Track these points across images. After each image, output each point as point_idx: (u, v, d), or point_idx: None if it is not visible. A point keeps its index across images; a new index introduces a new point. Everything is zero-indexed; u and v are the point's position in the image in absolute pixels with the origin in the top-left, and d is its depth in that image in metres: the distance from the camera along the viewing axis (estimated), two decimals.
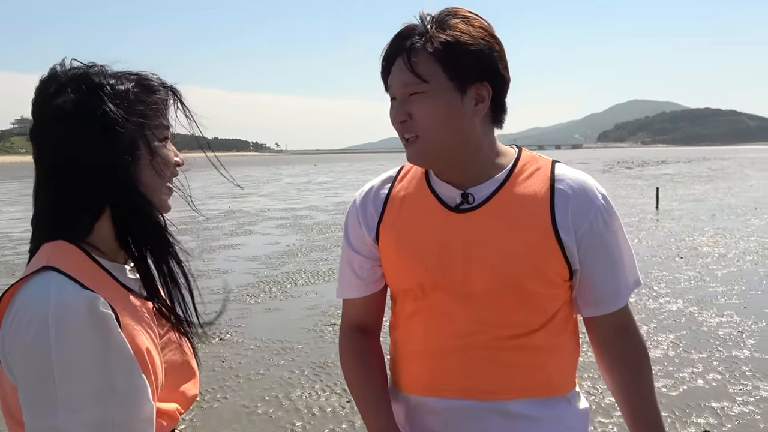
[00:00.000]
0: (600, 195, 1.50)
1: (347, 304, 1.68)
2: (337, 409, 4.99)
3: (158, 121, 1.28)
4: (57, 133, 1.20)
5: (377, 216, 1.57)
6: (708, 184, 30.29)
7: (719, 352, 6.06)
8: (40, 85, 1.24)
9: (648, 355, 1.60)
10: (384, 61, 1.47)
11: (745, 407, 4.83)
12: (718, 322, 7.00)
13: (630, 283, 1.56)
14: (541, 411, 1.49)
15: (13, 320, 1.11)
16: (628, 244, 1.56)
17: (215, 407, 5.08)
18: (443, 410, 1.51)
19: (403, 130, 1.46)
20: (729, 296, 8.11)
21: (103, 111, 1.20)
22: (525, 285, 1.45)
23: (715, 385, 5.28)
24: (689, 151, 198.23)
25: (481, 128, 1.48)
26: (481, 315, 1.46)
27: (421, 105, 1.42)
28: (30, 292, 1.12)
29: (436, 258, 1.48)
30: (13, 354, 1.10)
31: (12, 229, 16.88)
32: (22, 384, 1.10)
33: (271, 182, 40.94)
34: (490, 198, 1.48)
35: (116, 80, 1.24)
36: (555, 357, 1.52)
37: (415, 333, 1.54)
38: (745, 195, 23.13)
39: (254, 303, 8.36)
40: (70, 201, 1.21)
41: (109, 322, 1.12)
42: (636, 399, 1.57)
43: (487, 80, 1.43)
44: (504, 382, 1.48)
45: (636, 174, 41.63)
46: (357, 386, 1.61)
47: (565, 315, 1.54)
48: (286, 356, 6.25)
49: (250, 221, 17.87)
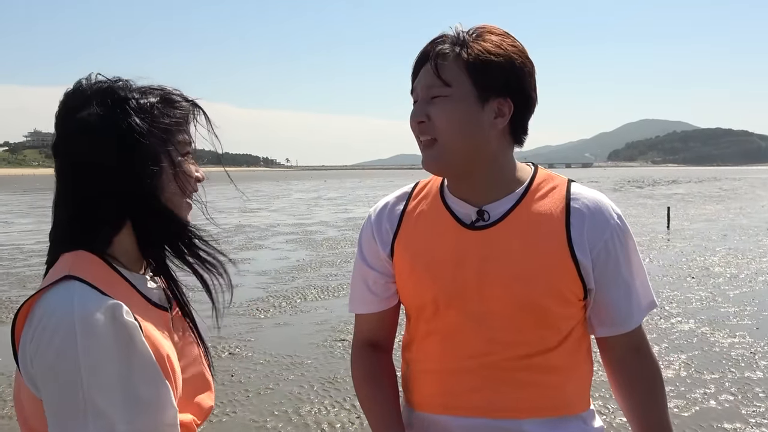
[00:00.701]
0: (615, 215, 1.50)
1: (360, 319, 1.67)
2: (347, 425, 4.97)
3: (181, 136, 1.28)
4: (80, 145, 1.21)
5: (392, 232, 1.57)
6: (719, 204, 30.14)
7: (731, 373, 6.01)
8: (64, 98, 1.25)
9: (661, 376, 1.59)
10: (415, 63, 1.49)
11: (758, 429, 4.78)
12: (730, 343, 6.94)
13: (643, 305, 1.55)
14: (555, 430, 1.48)
15: (36, 330, 1.10)
16: (641, 264, 1.55)
17: (224, 421, 5.07)
18: (457, 428, 1.49)
19: (419, 131, 1.46)
20: (741, 317, 8.06)
21: (128, 124, 1.21)
22: (540, 303, 1.44)
23: (728, 406, 5.23)
24: (700, 171, 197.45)
25: (498, 143, 1.47)
26: (496, 334, 1.45)
27: (441, 108, 1.42)
28: (53, 302, 1.12)
29: (451, 275, 1.47)
30: (37, 364, 1.10)
31: (24, 241, 16.96)
32: (48, 394, 1.10)
33: (281, 197, 41.02)
34: (505, 215, 1.47)
35: (141, 95, 1.25)
36: (570, 376, 1.51)
37: (429, 353, 1.53)
38: (757, 216, 23.01)
39: (264, 318, 8.36)
40: (91, 213, 1.22)
41: (132, 330, 1.13)
42: (650, 419, 1.56)
43: (511, 96, 1.43)
44: (518, 401, 1.47)
45: (647, 193, 41.49)
46: (368, 402, 1.59)
47: (580, 334, 1.53)
48: (296, 371, 6.24)
49: (260, 236, 17.90)
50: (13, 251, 15.11)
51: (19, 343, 1.14)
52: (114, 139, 1.20)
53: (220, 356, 6.65)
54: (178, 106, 1.29)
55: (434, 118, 1.43)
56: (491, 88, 1.42)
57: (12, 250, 15.37)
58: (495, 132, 1.45)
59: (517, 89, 1.44)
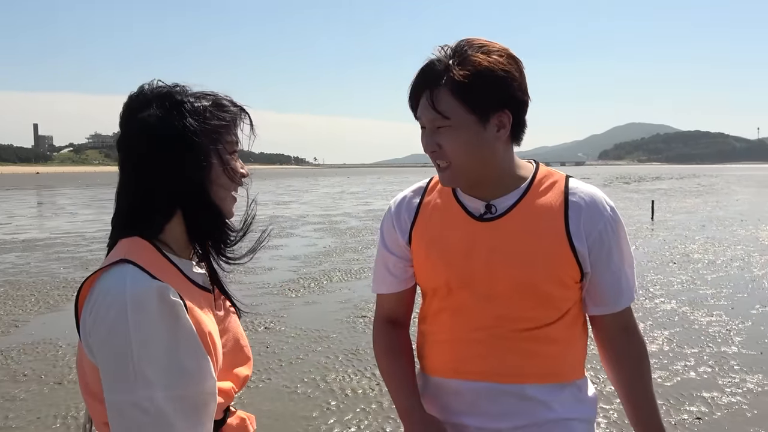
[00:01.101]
0: (609, 207, 1.49)
1: (381, 298, 1.66)
2: (368, 391, 4.98)
3: (229, 136, 1.28)
4: (141, 143, 1.21)
5: (410, 222, 1.56)
6: (698, 198, 29.82)
7: (709, 347, 5.95)
8: (128, 100, 1.25)
9: (647, 352, 1.58)
10: (410, 96, 1.44)
11: (733, 398, 4.73)
12: (708, 321, 6.87)
13: (633, 288, 1.54)
14: (553, 395, 1.48)
15: (94, 306, 1.11)
16: (631, 252, 1.54)
17: (260, 387, 5.10)
18: (466, 391, 1.49)
19: (434, 158, 1.44)
20: (718, 298, 7.97)
21: (183, 125, 1.21)
22: (541, 287, 1.43)
23: (706, 377, 5.18)
24: (681, 168, 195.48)
25: (503, 149, 1.45)
26: (502, 312, 1.45)
27: (448, 137, 1.39)
28: (109, 282, 1.12)
29: (462, 261, 1.46)
30: (94, 336, 1.11)
31: (86, 230, 17.15)
32: (103, 362, 1.10)
33: (309, 192, 41.13)
34: (511, 208, 1.46)
35: (195, 99, 1.25)
36: (567, 348, 1.50)
37: (441, 325, 1.53)
38: (732, 208, 22.73)
39: (295, 297, 8.38)
40: (147, 203, 1.22)
41: (177, 308, 1.13)
42: (636, 391, 1.55)
43: (507, 107, 1.39)
44: (521, 368, 1.46)
45: (633, 188, 41.14)
46: (387, 371, 1.60)
47: (576, 312, 1.52)
48: (323, 344, 6.25)
49: (292, 225, 17.96)
50: (77, 238, 15.29)
51: (80, 316, 1.15)
52: (170, 138, 1.20)
53: (256, 330, 6.68)
54: (227, 110, 1.28)
55: (444, 147, 1.41)
56: (487, 107, 1.37)
57: (76, 237, 15.55)
58: (499, 143, 1.43)
59: (510, 98, 1.39)
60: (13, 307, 7.98)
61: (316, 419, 4.46)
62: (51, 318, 7.46)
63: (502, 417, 1.47)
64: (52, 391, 5.06)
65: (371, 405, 4.69)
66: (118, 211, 1.27)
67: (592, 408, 1.56)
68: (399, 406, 1.54)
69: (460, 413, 1.50)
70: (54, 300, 8.34)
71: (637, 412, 1.55)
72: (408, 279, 1.60)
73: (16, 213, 24.36)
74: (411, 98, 1.44)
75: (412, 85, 1.43)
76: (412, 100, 1.44)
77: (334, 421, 4.41)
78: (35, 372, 5.52)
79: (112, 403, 1.09)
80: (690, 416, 4.41)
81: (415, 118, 1.46)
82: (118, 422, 1.09)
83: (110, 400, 1.09)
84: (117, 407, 1.08)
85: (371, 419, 4.44)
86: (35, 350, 6.16)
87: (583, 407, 1.53)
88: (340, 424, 4.38)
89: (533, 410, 1.46)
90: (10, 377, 5.41)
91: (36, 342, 6.42)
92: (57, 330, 6.81)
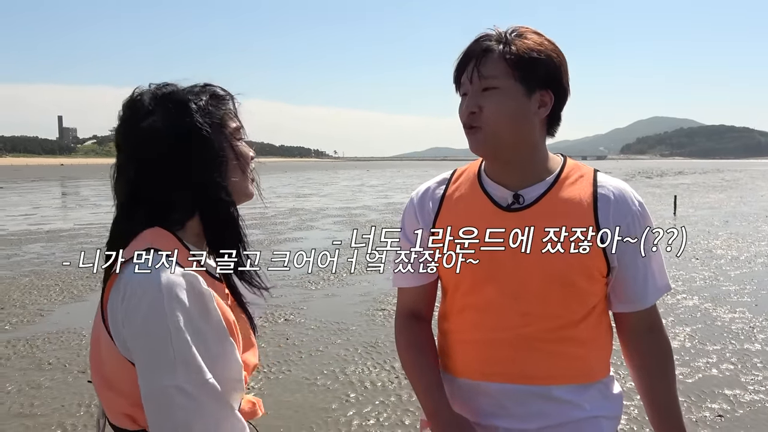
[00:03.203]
0: (637, 202, 1.47)
1: (402, 292, 1.65)
2: (387, 383, 4.99)
3: (232, 123, 1.29)
4: (152, 149, 1.21)
5: (434, 213, 1.54)
6: (722, 193, 29.39)
7: (732, 344, 5.87)
8: (127, 108, 1.25)
9: (672, 354, 1.55)
10: (461, 60, 1.44)
11: (756, 395, 4.67)
12: (730, 318, 6.78)
13: (659, 286, 1.51)
14: (580, 396, 1.46)
15: (125, 295, 1.12)
16: (659, 249, 1.51)
17: (280, 378, 5.13)
18: (494, 393, 1.48)
19: (470, 120, 1.42)
20: (741, 294, 7.86)
21: (192, 125, 1.22)
22: (570, 279, 1.41)
23: (728, 374, 5.12)
24: (704, 163, 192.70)
25: (539, 131, 1.45)
26: (529, 308, 1.43)
27: (491, 100, 1.39)
28: (139, 270, 1.13)
29: (488, 254, 1.44)
30: (128, 325, 1.11)
31: (109, 221, 16.94)
32: (140, 349, 1.11)
33: (329, 185, 41.18)
34: (539, 199, 1.44)
35: (194, 95, 1.25)
36: (593, 347, 1.49)
37: (465, 324, 1.51)
38: (756, 204, 22.38)
39: (314, 289, 8.40)
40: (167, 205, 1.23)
41: (208, 297, 1.14)
42: (659, 391, 1.53)
43: (551, 88, 1.42)
44: (548, 370, 1.45)
45: (655, 183, 40.64)
46: (411, 368, 1.57)
47: (602, 309, 1.50)
48: (342, 336, 6.27)
49: (311, 218, 17.99)
50: (101, 229, 15.45)
51: (107, 306, 1.15)
52: (183, 140, 1.21)
53: (276, 322, 6.72)
54: (224, 98, 1.29)
55: (485, 109, 1.40)
56: (535, 81, 1.39)
57: (100, 228, 15.72)
58: (538, 120, 1.43)
59: (556, 82, 1.42)
60: (38, 297, 8.11)
61: (336, 411, 4.48)
62: (75, 308, 7.57)
63: (530, 418, 1.45)
64: (75, 380, 5.13)
65: (390, 398, 4.70)
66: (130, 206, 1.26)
67: (618, 405, 1.54)
68: (426, 406, 1.51)
69: (488, 415, 1.49)
70: (78, 290, 8.46)
71: (659, 413, 1.53)
72: (430, 273, 1.58)
73: (41, 204, 24.69)
74: (461, 63, 1.44)
75: (465, 50, 1.44)
76: (461, 64, 1.44)
77: (353, 413, 4.43)
78: (60, 360, 5.61)
79: (153, 390, 1.09)
80: (711, 413, 4.36)
81: (456, 89, 1.47)
82: (160, 407, 1.09)
83: (151, 387, 1.10)
84: (158, 393, 1.09)
85: (390, 412, 4.45)
86: (60, 339, 6.25)
87: (609, 405, 1.51)
88: (359, 416, 4.39)
89: (561, 411, 1.45)
90: (36, 365, 5.50)
91: (60, 331, 6.52)
92: (81, 319, 6.91)
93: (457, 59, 1.45)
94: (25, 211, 20.98)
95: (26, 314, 7.25)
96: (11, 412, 4.50)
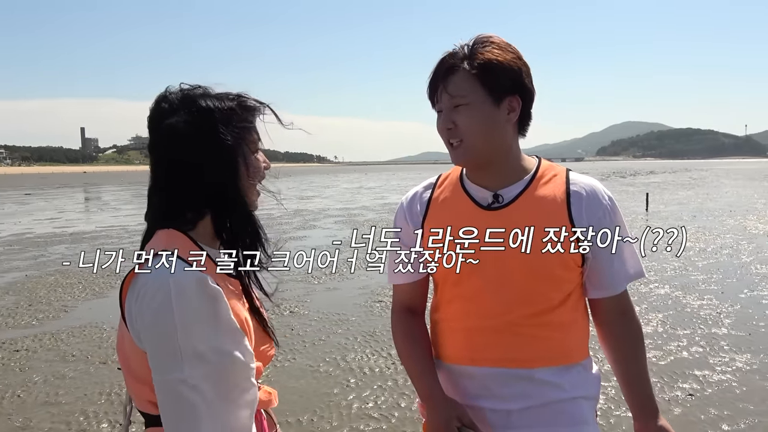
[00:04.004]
0: (607, 197, 1.48)
1: (397, 289, 1.64)
2: (384, 369, 4.97)
3: (251, 136, 1.25)
4: (170, 148, 1.19)
5: (422, 215, 1.54)
6: (690, 190, 29.46)
7: (701, 329, 5.87)
8: (155, 105, 1.22)
9: (642, 336, 1.56)
10: (431, 81, 1.45)
11: (723, 375, 4.67)
12: (699, 305, 6.78)
13: (630, 273, 1.51)
14: (561, 377, 1.45)
15: (139, 293, 1.10)
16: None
17: (286, 366, 5.11)
18: (479, 376, 1.47)
19: (449, 136, 1.44)
20: (708, 283, 7.86)
21: (210, 130, 1.19)
22: (549, 269, 1.41)
23: (698, 356, 5.11)
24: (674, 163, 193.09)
25: (511, 135, 1.45)
26: (510, 296, 1.42)
27: (464, 115, 1.40)
28: (153, 272, 1.11)
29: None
30: (140, 321, 1.10)
31: (128, 223, 17.29)
32: (150, 344, 1.10)
33: (330, 187, 41.15)
34: (517, 197, 1.45)
35: (220, 101, 1.22)
36: (572, 330, 1.48)
37: (454, 313, 1.51)
38: (721, 200, 22.42)
39: (317, 284, 8.38)
40: (179, 203, 1.21)
41: (217, 294, 1.12)
42: (632, 370, 1.53)
43: (518, 93, 1.41)
44: (531, 353, 1.44)
45: (629, 182, 40.71)
46: (407, 357, 1.57)
47: (578, 295, 1.50)
48: (343, 326, 6.25)
49: (314, 218, 17.97)
50: (120, 231, 15.43)
51: (125, 304, 1.14)
52: (199, 143, 1.18)
53: (282, 314, 6.70)
54: (251, 109, 1.25)
55: (460, 124, 1.40)
56: (501, 89, 1.39)
57: (119, 230, 15.69)
58: (510, 125, 1.43)
59: (521, 86, 1.42)
60: (62, 294, 8.07)
61: (337, 395, 4.46)
62: (97, 304, 7.53)
63: (513, 399, 1.45)
64: (97, 371, 5.10)
65: (387, 382, 4.68)
66: (151, 207, 1.25)
67: (597, 386, 1.54)
68: (421, 391, 1.52)
69: (475, 397, 1.48)
70: (99, 287, 8.42)
71: (633, 389, 1.54)
72: (421, 269, 1.58)
73: (65, 208, 24.63)
74: (432, 83, 1.44)
75: (433, 71, 1.44)
76: (432, 84, 1.44)
77: (353, 397, 4.41)
78: (82, 353, 5.58)
79: (161, 383, 1.08)
80: (683, 393, 4.35)
81: (431, 106, 1.47)
82: (167, 400, 1.08)
83: (158, 380, 1.09)
84: (165, 386, 1.08)
85: (387, 395, 4.43)
86: (82, 333, 6.22)
87: (588, 385, 1.50)
88: (359, 399, 4.37)
89: (543, 392, 1.44)
90: (60, 357, 5.47)
91: (83, 325, 6.49)
92: (102, 314, 6.88)
93: (428, 79, 1.45)
94: (51, 216, 20.91)
95: (51, 310, 7.22)
96: (38, 401, 4.48)
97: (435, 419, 1.45)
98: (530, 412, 1.45)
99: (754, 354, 5.12)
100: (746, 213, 16.95)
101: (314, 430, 3.91)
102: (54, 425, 4.08)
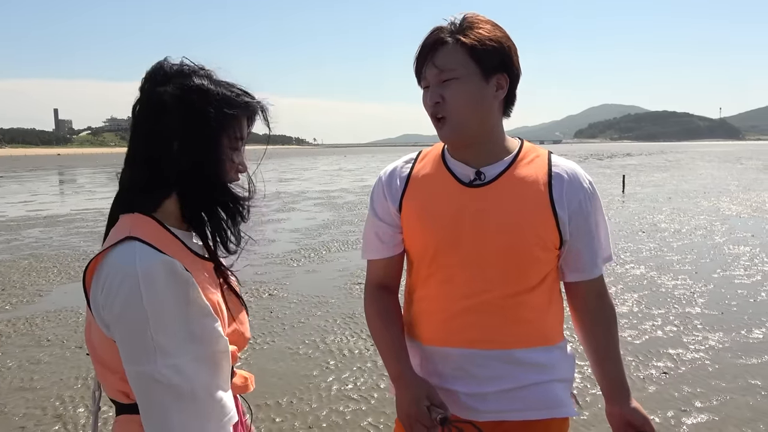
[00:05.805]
0: (587, 181, 1.48)
1: (371, 265, 1.61)
2: (363, 351, 4.98)
3: (234, 131, 1.20)
4: (152, 116, 1.15)
5: (401, 190, 1.51)
6: (665, 172, 29.85)
7: (675, 308, 5.96)
8: (151, 70, 1.17)
9: (616, 317, 1.56)
10: (419, 55, 1.42)
11: (696, 354, 4.75)
12: (673, 285, 6.89)
13: (605, 256, 1.52)
14: (539, 358, 1.45)
15: (105, 283, 1.07)
16: (606, 224, 1.51)
17: (265, 348, 5.09)
18: (457, 357, 1.45)
19: (435, 111, 1.41)
20: (683, 263, 7.99)
21: (197, 108, 1.14)
22: (527, 248, 1.40)
23: (672, 335, 5.19)
24: (650, 146, 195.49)
25: (497, 113, 1.44)
26: (488, 275, 1.41)
27: (452, 89, 1.38)
28: (118, 259, 1.07)
29: (451, 225, 1.42)
30: (107, 312, 1.06)
31: (104, 206, 17.00)
32: (120, 336, 1.06)
33: (309, 170, 40.92)
34: (499, 176, 1.43)
35: (215, 85, 1.17)
36: (548, 312, 1.47)
37: (430, 294, 1.48)
38: (696, 182, 22.77)
39: (296, 266, 8.35)
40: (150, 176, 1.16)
41: (187, 280, 1.09)
42: (606, 350, 1.53)
43: (506, 72, 1.40)
44: (507, 335, 1.43)
45: (606, 164, 41.11)
46: (379, 335, 1.54)
47: (554, 278, 1.49)
48: (322, 308, 6.24)
49: (293, 201, 17.87)
50: (96, 214, 15.19)
51: (90, 292, 1.10)
52: (181, 118, 1.13)
53: (261, 297, 6.66)
54: (243, 104, 1.20)
55: (448, 99, 1.38)
56: (491, 67, 1.38)
57: (95, 213, 15.46)
58: (497, 103, 1.42)
59: (510, 65, 1.41)
60: (37, 278, 7.94)
61: (317, 377, 4.45)
62: (72, 288, 7.42)
63: (489, 382, 1.44)
64: (73, 355, 5.04)
65: (366, 364, 4.69)
66: (120, 188, 1.21)
67: (572, 367, 1.54)
68: (390, 370, 1.49)
69: (450, 378, 1.47)
70: (74, 271, 8.30)
71: (606, 372, 1.54)
72: (397, 245, 1.56)
73: (39, 191, 24.16)
74: (419, 57, 1.42)
75: (422, 45, 1.41)
76: (420, 58, 1.42)
77: (333, 379, 4.41)
78: (58, 337, 5.50)
79: (135, 374, 1.05)
80: (657, 371, 4.43)
81: (417, 82, 1.45)
82: (142, 390, 1.06)
83: (132, 371, 1.06)
84: (139, 377, 1.05)
85: (366, 377, 4.44)
86: (58, 317, 6.13)
87: (565, 368, 1.51)
88: (339, 381, 4.37)
89: (519, 374, 1.44)
90: (35, 342, 5.39)
91: (58, 310, 6.40)
92: (78, 299, 6.77)
93: (416, 53, 1.43)
94: (24, 198, 20.51)
95: (25, 294, 7.10)
96: (12, 386, 4.41)
97: (404, 398, 1.42)
98: (507, 394, 1.44)
99: (726, 332, 5.22)
100: (719, 195, 17.24)
101: (294, 412, 3.91)
102: (29, 410, 4.02)
